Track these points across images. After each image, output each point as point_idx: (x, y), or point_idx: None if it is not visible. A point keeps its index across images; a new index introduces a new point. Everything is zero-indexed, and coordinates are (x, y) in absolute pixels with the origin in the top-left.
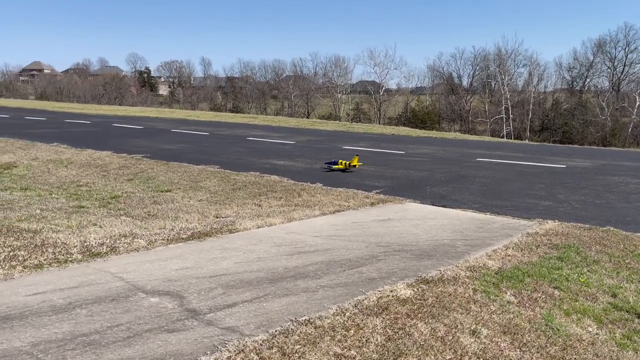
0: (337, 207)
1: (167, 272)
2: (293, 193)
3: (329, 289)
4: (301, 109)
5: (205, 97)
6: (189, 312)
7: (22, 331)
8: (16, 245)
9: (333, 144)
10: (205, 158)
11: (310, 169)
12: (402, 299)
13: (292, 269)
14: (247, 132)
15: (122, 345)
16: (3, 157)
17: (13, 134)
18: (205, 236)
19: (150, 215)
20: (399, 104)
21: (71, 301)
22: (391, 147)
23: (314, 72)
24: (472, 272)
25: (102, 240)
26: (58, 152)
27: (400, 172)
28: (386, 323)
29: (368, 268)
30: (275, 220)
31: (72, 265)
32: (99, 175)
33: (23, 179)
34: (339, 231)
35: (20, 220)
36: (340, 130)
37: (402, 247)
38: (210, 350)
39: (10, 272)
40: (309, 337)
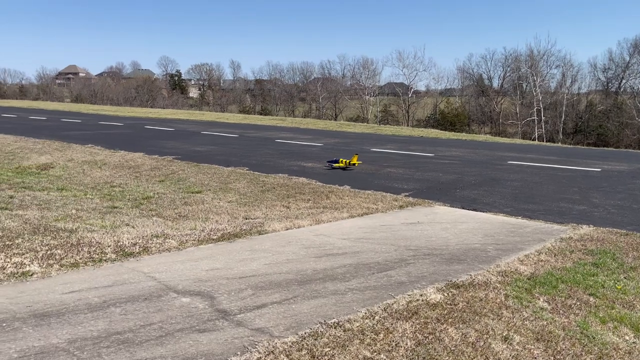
0: (365, 210)
1: (198, 272)
2: (321, 195)
3: (357, 292)
4: (329, 111)
5: (235, 100)
6: (219, 313)
7: (59, 328)
8: (53, 244)
9: (360, 146)
10: (235, 160)
11: (338, 171)
12: (432, 303)
13: (320, 271)
14: (275, 134)
15: (155, 344)
16: (41, 158)
17: (50, 136)
18: (234, 237)
19: (181, 216)
20: (428, 106)
21: (106, 300)
22: (420, 150)
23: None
24: (504, 277)
25: (134, 240)
26: (92, 153)
27: (430, 175)
28: (416, 327)
29: (397, 272)
30: (303, 222)
31: (107, 264)
32: (132, 177)
33: (59, 180)
34: (367, 234)
35: (57, 219)
36: (368, 133)
37: (431, 251)
38: (241, 351)
39: (47, 271)
40: (338, 340)
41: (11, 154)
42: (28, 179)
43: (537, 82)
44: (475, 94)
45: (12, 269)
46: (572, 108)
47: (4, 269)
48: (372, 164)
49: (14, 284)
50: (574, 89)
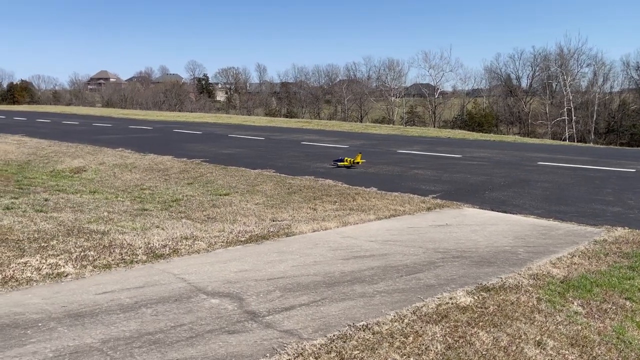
0: (393, 212)
1: (227, 274)
2: (348, 197)
3: (386, 294)
4: (354, 113)
5: (261, 103)
6: (248, 314)
7: (93, 328)
8: (86, 245)
9: (387, 148)
10: (261, 162)
11: (365, 172)
12: (462, 306)
13: (348, 273)
14: (301, 136)
15: (185, 345)
16: (74, 162)
17: (82, 140)
18: (262, 239)
19: (210, 218)
20: (455, 107)
21: (137, 300)
22: (447, 151)
23: (368, 75)
24: (536, 281)
25: (164, 242)
26: (123, 156)
27: (458, 176)
28: (446, 331)
29: (426, 274)
30: (330, 224)
31: (138, 265)
32: (161, 179)
33: (92, 183)
34: (395, 236)
35: (89, 222)
36: (394, 134)
37: (460, 254)
38: (270, 353)
39: (81, 272)
40: (367, 343)
41: (46, 158)
42: (62, 182)
43: (568, 81)
44: (503, 94)
45: (47, 269)
46: (604, 107)
47: (40, 270)
48: (399, 165)
49: (50, 284)
50: (606, 88)
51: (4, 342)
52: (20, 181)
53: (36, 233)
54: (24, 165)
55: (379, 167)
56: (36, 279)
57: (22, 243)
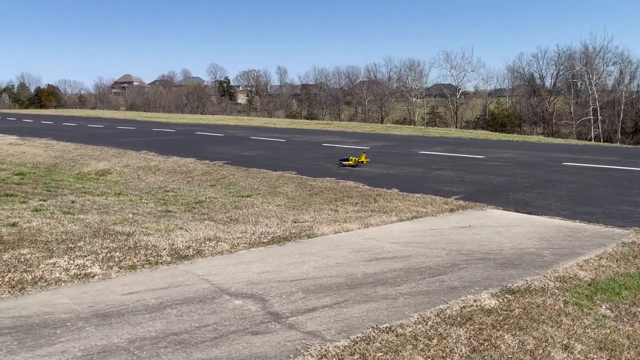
0: (415, 214)
1: (250, 275)
2: (369, 199)
3: (409, 296)
4: (375, 114)
5: (281, 105)
6: (271, 315)
7: (120, 328)
8: (112, 247)
9: (408, 149)
10: (283, 164)
11: (386, 174)
12: (487, 309)
13: (370, 275)
14: (322, 138)
15: (210, 345)
16: (99, 164)
17: (107, 143)
18: (284, 240)
19: (232, 219)
20: (477, 107)
21: (162, 301)
22: (470, 152)
23: (388, 76)
24: (562, 283)
25: (188, 244)
26: (147, 159)
27: (481, 177)
28: (470, 334)
29: (449, 276)
30: (352, 225)
31: (162, 267)
32: (184, 181)
33: (116, 185)
34: (418, 238)
35: (115, 223)
36: (415, 135)
37: (484, 256)
38: (293, 354)
39: (108, 272)
40: (390, 345)
41: (72, 161)
42: (88, 184)
43: (593, 80)
44: (527, 93)
45: (75, 270)
46: (632, 106)
47: (68, 271)
48: (421, 166)
49: (77, 285)
50: (633, 87)
51: (34, 342)
52: (48, 184)
53: (64, 234)
54: (52, 168)
55: (400, 169)
56: (64, 279)
57: (51, 244)
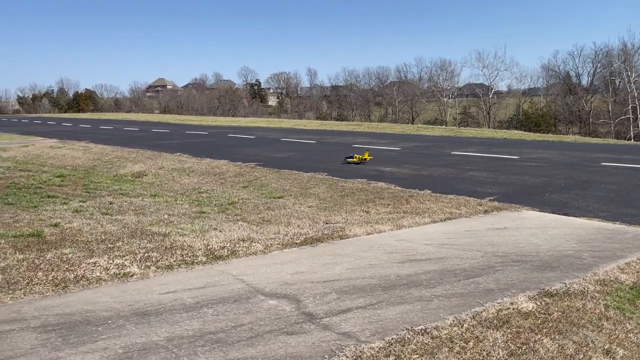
0: (448, 215)
1: (283, 275)
2: (401, 200)
3: (443, 298)
4: (405, 114)
5: (311, 107)
6: (305, 316)
7: (158, 326)
8: (149, 247)
9: (440, 150)
10: (314, 165)
11: (418, 175)
12: (524, 312)
13: (404, 277)
14: (352, 139)
15: (246, 344)
16: (135, 166)
17: (142, 145)
18: (317, 241)
19: (265, 220)
20: (510, 107)
21: (199, 300)
22: (503, 152)
23: (419, 76)
24: (603, 287)
25: (223, 244)
26: (181, 161)
27: (515, 178)
28: (507, 337)
29: (485, 279)
30: (384, 227)
31: (198, 267)
32: (217, 183)
33: (152, 187)
34: (451, 240)
35: (151, 224)
36: (447, 135)
37: (520, 258)
38: (329, 355)
39: (146, 272)
40: (426, 348)
41: (109, 163)
42: (124, 186)
43: (632, 78)
44: (562, 92)
45: (114, 270)
46: None
47: (108, 270)
48: (453, 167)
49: (117, 283)
50: None
51: (77, 338)
52: (87, 185)
53: (103, 235)
54: (90, 170)
55: (433, 170)
56: (105, 278)
57: (91, 244)
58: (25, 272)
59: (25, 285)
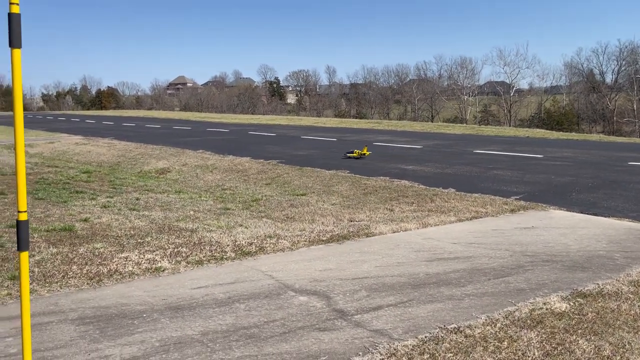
0: (474, 214)
1: (312, 272)
2: (425, 198)
3: (474, 297)
4: (425, 112)
5: (330, 104)
6: (336, 313)
7: (192, 321)
8: (178, 242)
9: (462, 148)
10: (335, 163)
11: (441, 173)
12: (558, 312)
13: (433, 275)
14: (372, 137)
15: (279, 340)
16: (159, 163)
17: (165, 142)
18: (343, 239)
19: (289, 217)
20: (532, 105)
21: (230, 296)
22: (527, 150)
23: (439, 74)
24: (637, 288)
25: (250, 240)
26: (203, 158)
27: (540, 177)
28: (542, 337)
29: (515, 278)
30: (409, 225)
31: (227, 262)
32: (240, 180)
33: (176, 183)
34: (479, 238)
35: (178, 220)
36: (468, 134)
37: (550, 258)
38: (362, 352)
39: (176, 267)
40: (460, 346)
41: (133, 160)
42: (149, 182)
43: None
44: (585, 90)
45: (146, 264)
46: None
47: (140, 265)
48: (476, 166)
49: (149, 278)
50: None
51: (114, 331)
52: (113, 181)
53: (132, 230)
54: (115, 166)
55: (456, 168)
56: (137, 272)
57: (121, 239)
58: (60, 265)
59: (60, 278)
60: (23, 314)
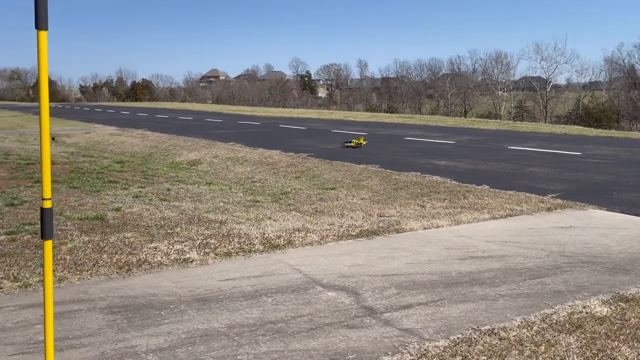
0: (509, 212)
1: (340, 267)
2: (458, 195)
3: (509, 298)
4: (458, 107)
5: (361, 99)
6: (365, 310)
7: (219, 313)
8: (207, 234)
9: (497, 144)
10: (365, 157)
11: (474, 169)
12: (598, 317)
13: (466, 274)
14: (404, 132)
15: (306, 336)
16: (190, 154)
17: (197, 134)
18: (372, 234)
19: (318, 211)
20: (569, 101)
21: (257, 289)
22: (564, 148)
23: (473, 69)
24: None
25: (278, 233)
26: (234, 150)
27: (578, 175)
28: (582, 342)
29: (552, 279)
30: (441, 222)
31: (255, 255)
32: (270, 173)
33: (207, 175)
34: (514, 237)
35: (208, 211)
36: (502, 130)
37: (589, 259)
38: (391, 351)
39: (205, 258)
40: (494, 349)
41: (166, 151)
42: (180, 173)
43: None
44: (626, 86)
45: (174, 255)
46: None
47: (168, 255)
48: (511, 162)
49: (177, 269)
50: None
51: (141, 321)
52: (145, 172)
53: (162, 220)
54: (147, 157)
55: (490, 164)
56: (166, 263)
57: (151, 229)
58: (90, 254)
59: (91, 266)
60: (46, 304)
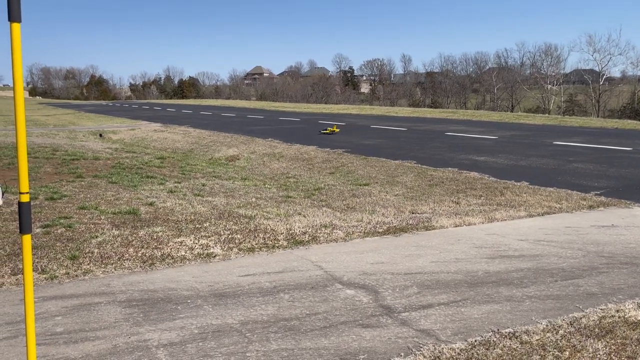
0: (547, 209)
1: (363, 265)
2: (495, 191)
3: (537, 300)
4: (504, 102)
5: (405, 94)
6: (383, 309)
7: (234, 309)
8: (234, 229)
9: (541, 139)
10: (402, 153)
11: (514, 165)
12: (632, 322)
13: (493, 274)
14: (445, 127)
15: (319, 334)
16: (229, 150)
17: (237, 131)
18: (400, 231)
19: (349, 207)
20: (624, 94)
21: (276, 285)
22: (614, 143)
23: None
24: None
25: (304, 229)
26: (272, 146)
27: (627, 172)
28: (611, 348)
29: (586, 281)
30: (474, 219)
31: (278, 251)
32: (305, 168)
33: (243, 170)
34: (549, 236)
35: (239, 206)
36: (549, 124)
37: (630, 260)
38: (404, 352)
39: (228, 253)
40: (513, 353)
41: (205, 147)
42: (218, 169)
43: None
44: None
45: (199, 250)
46: None
47: (193, 250)
48: (554, 158)
49: (200, 264)
50: None
51: (157, 315)
52: (184, 167)
53: (192, 215)
54: (188, 153)
55: (532, 160)
56: (189, 257)
57: (180, 224)
58: (118, 247)
59: (116, 260)
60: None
